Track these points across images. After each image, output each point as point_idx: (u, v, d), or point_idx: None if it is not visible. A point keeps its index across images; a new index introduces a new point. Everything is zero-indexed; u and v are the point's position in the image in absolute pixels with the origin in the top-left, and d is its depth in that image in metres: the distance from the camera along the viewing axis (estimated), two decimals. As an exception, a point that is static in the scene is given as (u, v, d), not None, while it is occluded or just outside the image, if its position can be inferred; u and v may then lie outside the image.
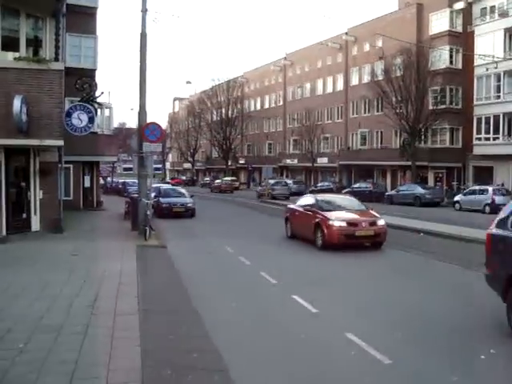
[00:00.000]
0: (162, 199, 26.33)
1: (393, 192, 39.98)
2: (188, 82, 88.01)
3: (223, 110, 71.88)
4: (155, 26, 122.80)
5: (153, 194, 24.76)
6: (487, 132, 38.58)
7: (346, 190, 43.84)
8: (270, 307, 9.07)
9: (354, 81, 53.19)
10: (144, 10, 18.32)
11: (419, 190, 37.02)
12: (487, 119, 38.58)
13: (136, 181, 22.34)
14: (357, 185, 44.44)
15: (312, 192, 47.36)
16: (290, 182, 54.53)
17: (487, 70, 37.67)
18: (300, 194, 49.39)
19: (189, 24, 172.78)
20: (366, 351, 6.56)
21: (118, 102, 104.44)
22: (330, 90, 57.47)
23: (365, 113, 51.44)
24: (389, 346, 6.76)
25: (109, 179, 58.14)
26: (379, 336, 7.27)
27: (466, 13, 41.94)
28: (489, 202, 30.62)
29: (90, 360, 5.97)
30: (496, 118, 37.83)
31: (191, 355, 6.36)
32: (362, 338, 6.98)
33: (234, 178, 68.55)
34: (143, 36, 18.36)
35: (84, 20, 25.68)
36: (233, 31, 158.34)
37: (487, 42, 38.08)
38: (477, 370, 6.17)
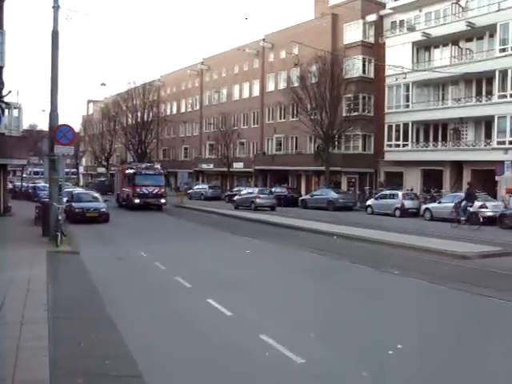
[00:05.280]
0: (74, 204, 25.52)
1: (307, 196, 40.71)
2: (103, 84, 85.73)
3: (139, 114, 70.44)
4: (69, 24, 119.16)
5: (65, 199, 24.05)
6: (397, 139, 40.18)
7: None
8: (185, 312, 8.99)
9: (271, 87, 53.82)
10: (56, 6, 17.67)
11: (333, 194, 37.85)
12: (397, 127, 40.19)
13: (47, 185, 21.51)
14: (272, 189, 44.93)
15: (228, 197, 47.86)
16: (205, 186, 54.52)
17: (397, 80, 39.27)
18: (216, 198, 49.77)
19: (104, 24, 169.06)
20: (279, 352, 6.64)
21: (29, 103, 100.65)
22: (246, 95, 57.86)
23: (280, 118, 52.14)
24: (302, 346, 6.87)
25: (18, 183, 55.55)
26: (293, 336, 7.38)
27: (378, 25, 43.61)
28: (399, 206, 31.98)
29: (-8, 373, 5.66)
30: (405, 125, 39.51)
31: (104, 362, 6.18)
32: (276, 339, 7.05)
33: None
34: (55, 34, 17.66)
35: (-10, 14, 24.47)
36: (149, 33, 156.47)
37: (397, 54, 39.72)
38: (385, 365, 6.41)
